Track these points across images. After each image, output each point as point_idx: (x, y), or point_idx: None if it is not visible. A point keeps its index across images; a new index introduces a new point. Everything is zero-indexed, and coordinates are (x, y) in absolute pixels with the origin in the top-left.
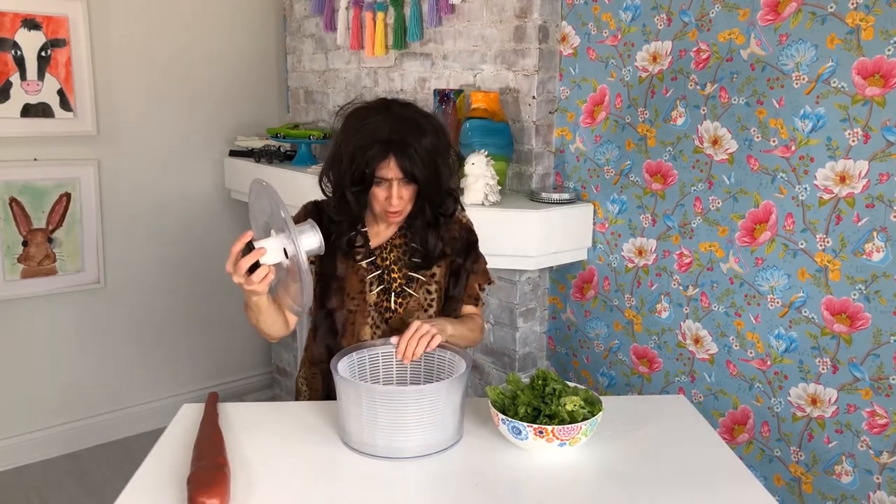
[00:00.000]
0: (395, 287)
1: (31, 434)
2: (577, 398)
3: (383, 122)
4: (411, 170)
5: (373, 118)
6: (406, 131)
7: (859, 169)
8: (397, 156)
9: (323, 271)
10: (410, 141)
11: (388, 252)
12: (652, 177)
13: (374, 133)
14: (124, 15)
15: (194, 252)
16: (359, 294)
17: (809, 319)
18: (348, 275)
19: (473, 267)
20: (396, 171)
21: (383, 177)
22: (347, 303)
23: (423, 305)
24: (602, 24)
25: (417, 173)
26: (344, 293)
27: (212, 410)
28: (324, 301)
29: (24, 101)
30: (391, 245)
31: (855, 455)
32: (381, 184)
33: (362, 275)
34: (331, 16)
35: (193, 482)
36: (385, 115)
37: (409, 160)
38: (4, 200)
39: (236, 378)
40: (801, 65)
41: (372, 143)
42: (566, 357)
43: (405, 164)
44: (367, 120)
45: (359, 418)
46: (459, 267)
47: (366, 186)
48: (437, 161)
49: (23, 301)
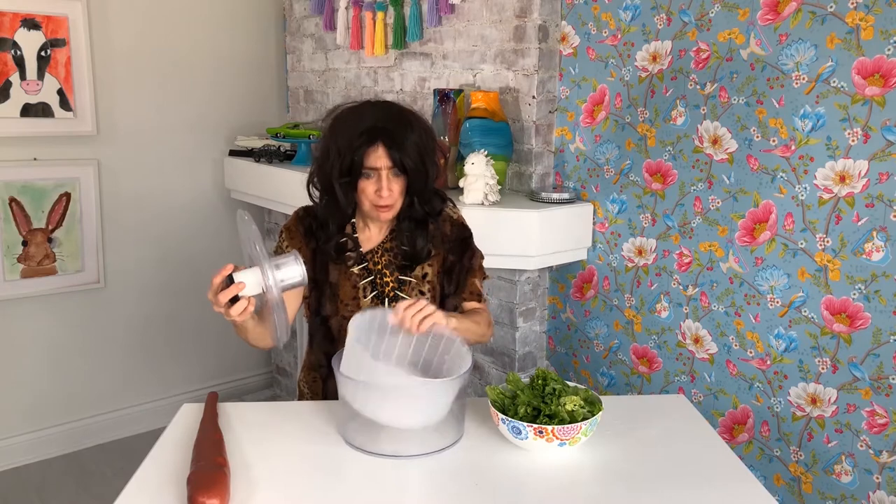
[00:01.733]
0: (388, 291)
1: (31, 434)
2: (577, 398)
3: (371, 113)
4: (401, 159)
5: (359, 111)
6: (394, 121)
7: (859, 168)
8: (386, 144)
9: (317, 278)
10: (399, 130)
11: (380, 256)
12: (652, 176)
13: (361, 122)
14: (124, 15)
15: (194, 252)
16: (352, 300)
17: (809, 319)
18: (341, 281)
19: (471, 263)
20: (385, 160)
21: (372, 166)
22: (341, 309)
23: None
24: (602, 24)
25: (407, 163)
26: (338, 300)
27: (212, 410)
28: (318, 308)
29: (23, 101)
30: (382, 249)
31: (855, 455)
32: (371, 176)
33: (355, 280)
34: (330, 15)
35: (193, 482)
36: (372, 108)
37: (399, 149)
38: (4, 200)
39: (236, 378)
40: (800, 64)
41: (360, 133)
42: (566, 357)
43: (394, 154)
44: (353, 114)
45: (358, 416)
46: (453, 264)
47: (354, 178)
48: (424, 156)
49: (22, 301)
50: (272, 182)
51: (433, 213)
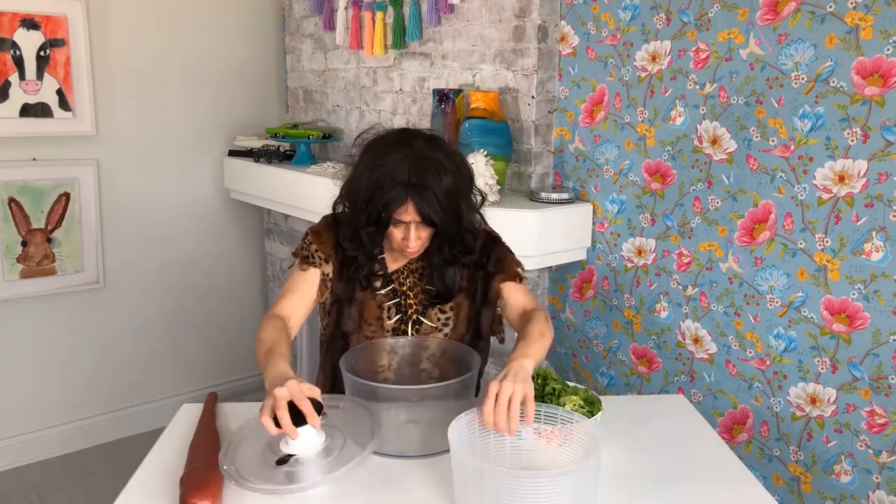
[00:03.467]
0: (412, 313)
1: (31, 434)
2: (577, 398)
3: (403, 161)
4: (429, 215)
5: (393, 156)
6: (426, 173)
7: (858, 168)
8: (416, 200)
9: (339, 295)
10: (430, 184)
11: (405, 277)
12: (651, 176)
13: (393, 174)
14: (123, 15)
15: (194, 252)
16: (376, 320)
17: (809, 319)
18: (366, 300)
19: (497, 267)
20: (414, 216)
21: (400, 220)
22: (364, 329)
23: (438, 326)
24: (601, 24)
25: (436, 218)
26: (362, 319)
27: (209, 411)
28: (339, 323)
29: (22, 101)
30: (408, 270)
31: (854, 455)
32: (399, 225)
33: (380, 300)
34: (330, 15)
35: (186, 483)
36: (406, 152)
37: (428, 204)
38: (3, 200)
39: (236, 378)
40: (800, 64)
41: (391, 186)
42: (566, 357)
43: (423, 209)
44: (386, 157)
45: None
46: (480, 272)
47: (381, 227)
48: (458, 202)
49: (22, 301)
50: (271, 182)
51: (463, 253)
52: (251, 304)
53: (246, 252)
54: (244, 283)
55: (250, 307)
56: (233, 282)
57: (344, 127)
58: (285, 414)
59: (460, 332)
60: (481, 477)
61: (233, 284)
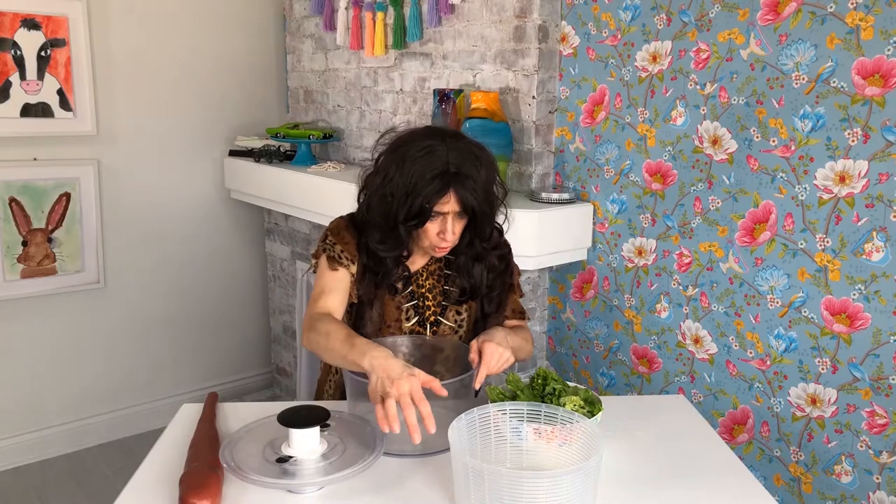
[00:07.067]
0: (429, 315)
1: (31, 434)
2: (577, 398)
3: (441, 152)
4: (470, 203)
5: (429, 149)
6: (465, 162)
7: (859, 169)
8: (458, 189)
9: (361, 297)
10: (470, 173)
11: (424, 279)
12: (652, 177)
13: (432, 164)
14: (124, 15)
15: (194, 252)
16: (395, 322)
17: (809, 319)
18: (386, 302)
19: (511, 280)
20: (455, 205)
21: (441, 210)
22: (384, 330)
23: (455, 328)
24: (602, 24)
25: (476, 206)
26: (382, 321)
27: (209, 411)
28: (359, 325)
29: (23, 101)
30: (426, 272)
31: (854, 455)
32: (436, 218)
33: (399, 301)
34: (330, 16)
35: (186, 483)
36: (442, 145)
37: (470, 192)
38: (4, 200)
39: (236, 378)
40: (800, 65)
41: (433, 177)
42: (566, 357)
43: (466, 197)
44: (422, 151)
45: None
46: (493, 282)
47: (422, 221)
48: (490, 194)
49: (22, 301)
50: (272, 182)
51: (490, 248)
52: (251, 304)
53: (246, 252)
54: (244, 283)
55: (251, 307)
56: (233, 282)
57: (344, 127)
58: (411, 413)
59: (470, 333)
60: (481, 477)
61: (233, 285)
